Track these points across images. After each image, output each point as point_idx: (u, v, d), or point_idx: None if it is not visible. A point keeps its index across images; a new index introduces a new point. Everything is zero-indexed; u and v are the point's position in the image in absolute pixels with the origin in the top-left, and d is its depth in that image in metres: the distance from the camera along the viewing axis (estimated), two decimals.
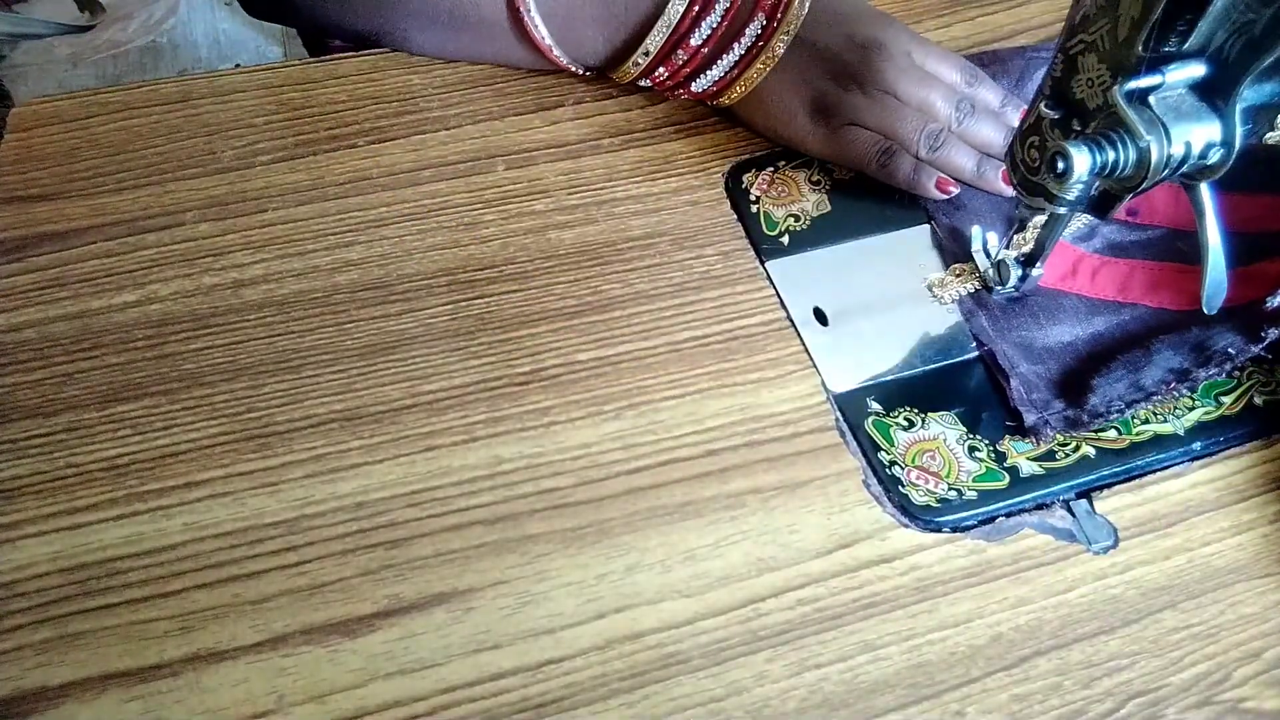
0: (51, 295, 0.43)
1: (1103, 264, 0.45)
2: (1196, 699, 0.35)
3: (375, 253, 0.44)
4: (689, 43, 0.46)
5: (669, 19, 0.46)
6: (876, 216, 0.47)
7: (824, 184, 0.48)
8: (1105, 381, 0.41)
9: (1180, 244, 0.46)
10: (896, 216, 0.47)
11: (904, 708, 0.34)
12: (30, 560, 0.36)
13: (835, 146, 0.47)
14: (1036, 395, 0.41)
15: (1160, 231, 0.46)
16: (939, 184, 0.45)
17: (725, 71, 0.47)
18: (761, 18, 0.46)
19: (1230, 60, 0.33)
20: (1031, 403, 0.41)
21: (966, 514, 0.39)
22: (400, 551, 0.36)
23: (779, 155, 0.49)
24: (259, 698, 0.33)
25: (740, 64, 0.47)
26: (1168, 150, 0.34)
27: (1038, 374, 0.42)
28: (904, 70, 0.47)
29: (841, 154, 0.47)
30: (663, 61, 0.47)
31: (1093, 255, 0.46)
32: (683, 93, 0.49)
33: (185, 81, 0.50)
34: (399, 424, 0.39)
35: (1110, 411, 0.40)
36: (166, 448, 0.38)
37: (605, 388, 0.41)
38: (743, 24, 0.46)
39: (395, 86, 0.50)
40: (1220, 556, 0.38)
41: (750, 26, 0.46)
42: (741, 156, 0.49)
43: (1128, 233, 0.47)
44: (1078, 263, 0.45)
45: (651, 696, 0.34)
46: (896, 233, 0.47)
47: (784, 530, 0.38)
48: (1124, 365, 0.41)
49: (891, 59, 0.47)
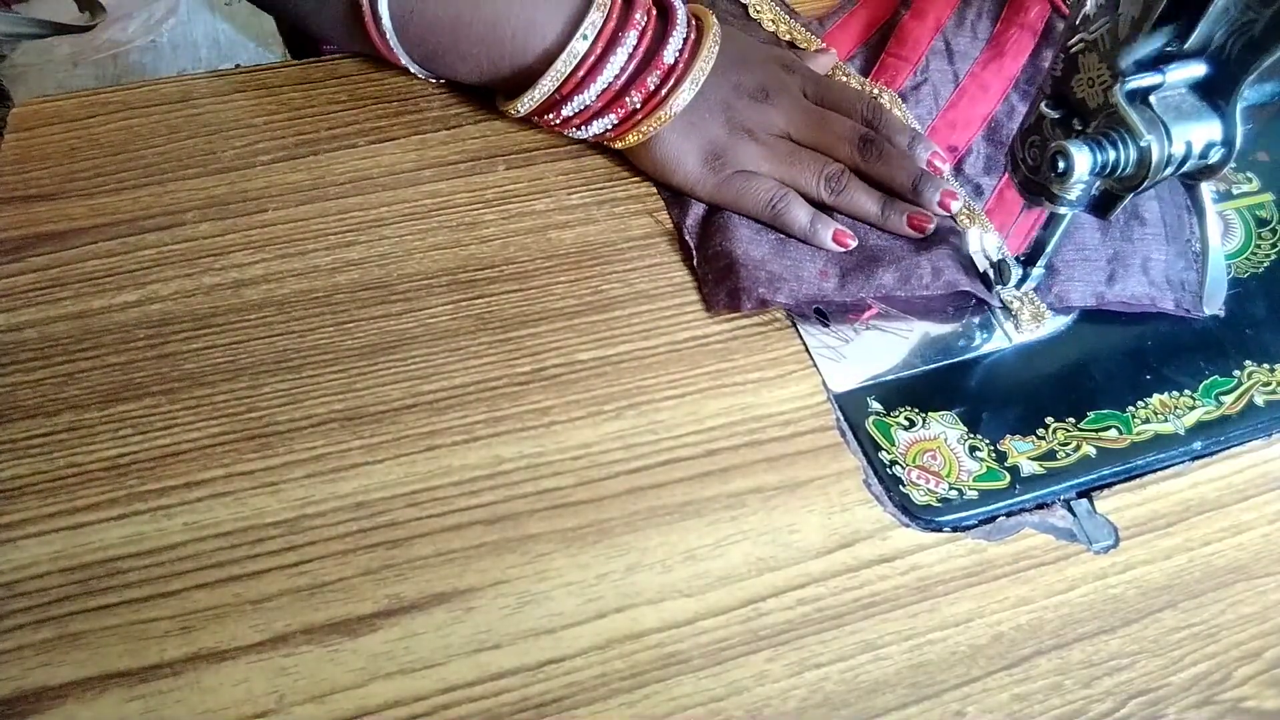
0: (52, 295, 0.43)
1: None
2: (1197, 698, 0.35)
3: (376, 252, 0.44)
4: (581, 94, 0.44)
5: (560, 70, 0.43)
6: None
7: None
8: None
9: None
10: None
11: (904, 707, 0.34)
12: (31, 560, 0.36)
13: (726, 194, 0.45)
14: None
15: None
16: (836, 237, 0.44)
17: (612, 125, 0.45)
18: (657, 76, 0.44)
19: (1230, 60, 0.33)
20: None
21: (967, 513, 0.39)
22: (401, 551, 0.36)
23: None
24: (259, 697, 0.33)
25: (628, 121, 0.45)
26: (1168, 150, 0.34)
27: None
28: (798, 114, 0.46)
29: (733, 202, 0.45)
30: (550, 109, 0.45)
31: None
32: (569, 131, 0.47)
33: (185, 81, 0.50)
34: (399, 424, 0.39)
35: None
36: (167, 447, 0.38)
37: (606, 387, 0.41)
38: (636, 80, 0.44)
39: (396, 86, 0.50)
40: (1220, 556, 0.38)
41: (649, 78, 0.44)
42: None
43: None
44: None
45: (652, 696, 0.34)
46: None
47: (784, 530, 0.38)
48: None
49: (783, 105, 0.46)
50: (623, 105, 0.44)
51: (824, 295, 0.43)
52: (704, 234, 0.45)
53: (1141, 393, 0.42)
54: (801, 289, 0.43)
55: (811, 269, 0.44)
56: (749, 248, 0.44)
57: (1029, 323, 0.43)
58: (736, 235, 0.44)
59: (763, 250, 0.44)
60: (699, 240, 0.45)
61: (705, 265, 0.44)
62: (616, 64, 0.43)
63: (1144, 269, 0.45)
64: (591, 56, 0.43)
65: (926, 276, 0.43)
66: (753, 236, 0.44)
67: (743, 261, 0.43)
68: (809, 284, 0.43)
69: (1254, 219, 0.49)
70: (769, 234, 0.45)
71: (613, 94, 0.44)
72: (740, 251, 0.43)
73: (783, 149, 0.46)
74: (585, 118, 0.45)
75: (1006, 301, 0.44)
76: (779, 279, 0.43)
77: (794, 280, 0.43)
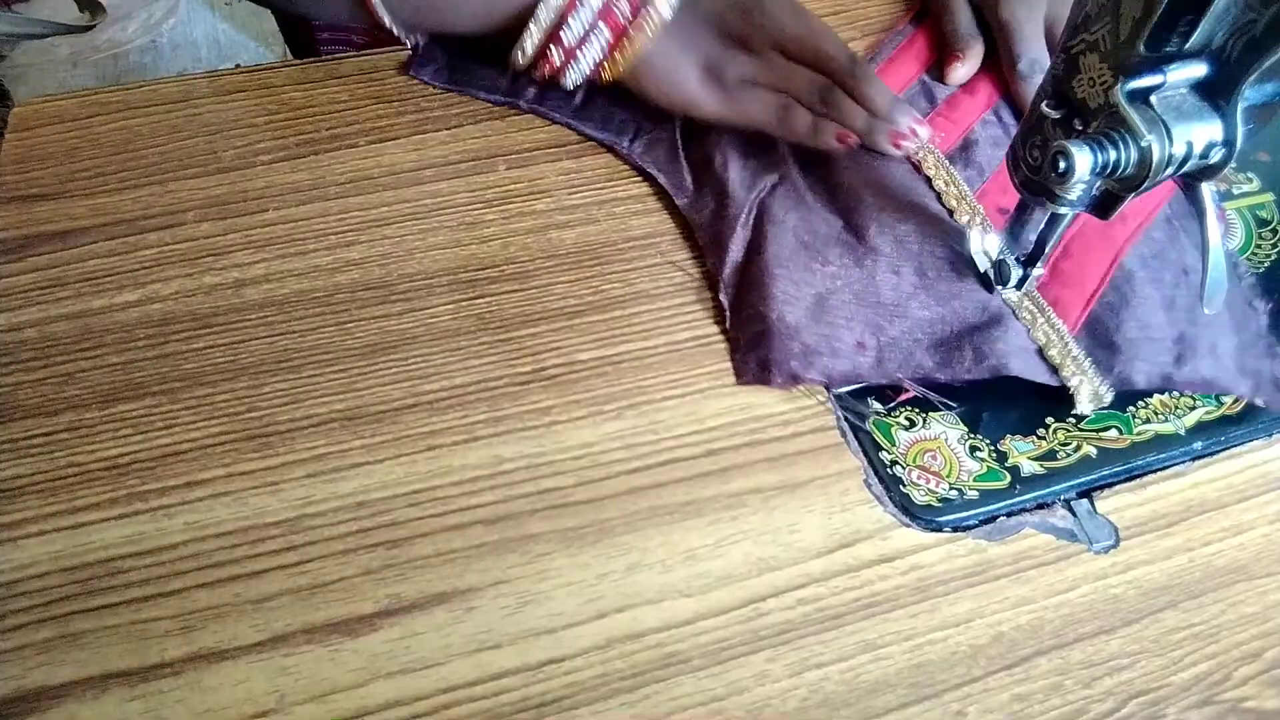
0: (53, 295, 0.43)
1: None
2: (1197, 699, 0.35)
3: (376, 252, 0.44)
4: (575, 18, 0.45)
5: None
6: None
7: None
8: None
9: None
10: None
11: (905, 707, 0.34)
12: (32, 559, 0.36)
13: (732, 107, 0.47)
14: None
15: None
16: (838, 136, 0.45)
17: (606, 46, 0.46)
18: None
19: (1231, 60, 0.33)
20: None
21: (967, 513, 0.39)
22: (401, 551, 0.36)
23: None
24: (260, 697, 0.33)
25: (620, 38, 0.45)
26: (1169, 150, 0.34)
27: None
28: (787, 26, 0.47)
29: (739, 114, 0.47)
30: (552, 43, 0.46)
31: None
32: (567, 75, 0.47)
33: (185, 81, 0.50)
34: (400, 423, 0.39)
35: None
36: (168, 447, 0.38)
37: (606, 387, 0.41)
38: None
39: (396, 86, 0.50)
40: (1221, 556, 0.38)
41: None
42: None
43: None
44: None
45: (652, 696, 0.34)
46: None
47: (785, 530, 0.38)
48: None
49: (773, 16, 0.46)
50: (612, 15, 0.45)
51: (859, 374, 0.41)
52: (739, 293, 0.43)
53: (1142, 392, 0.42)
54: (837, 366, 0.40)
55: (848, 338, 0.41)
56: (784, 310, 0.41)
57: (1088, 404, 0.40)
58: (772, 294, 0.42)
59: (798, 314, 0.41)
60: (733, 299, 0.43)
61: (738, 329, 0.42)
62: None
63: (1213, 352, 0.41)
64: None
65: (968, 360, 0.41)
66: (789, 295, 0.42)
67: (776, 329, 0.41)
68: (845, 359, 0.41)
69: (1254, 219, 0.49)
70: (806, 288, 0.42)
71: (604, 10, 0.44)
72: (774, 315, 0.41)
73: (779, 61, 0.46)
74: (579, 44, 0.45)
75: (1065, 380, 0.41)
76: (813, 352, 0.40)
77: (829, 355, 0.41)
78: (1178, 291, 0.43)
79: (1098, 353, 0.41)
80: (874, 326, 0.42)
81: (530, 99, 0.49)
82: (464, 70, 0.50)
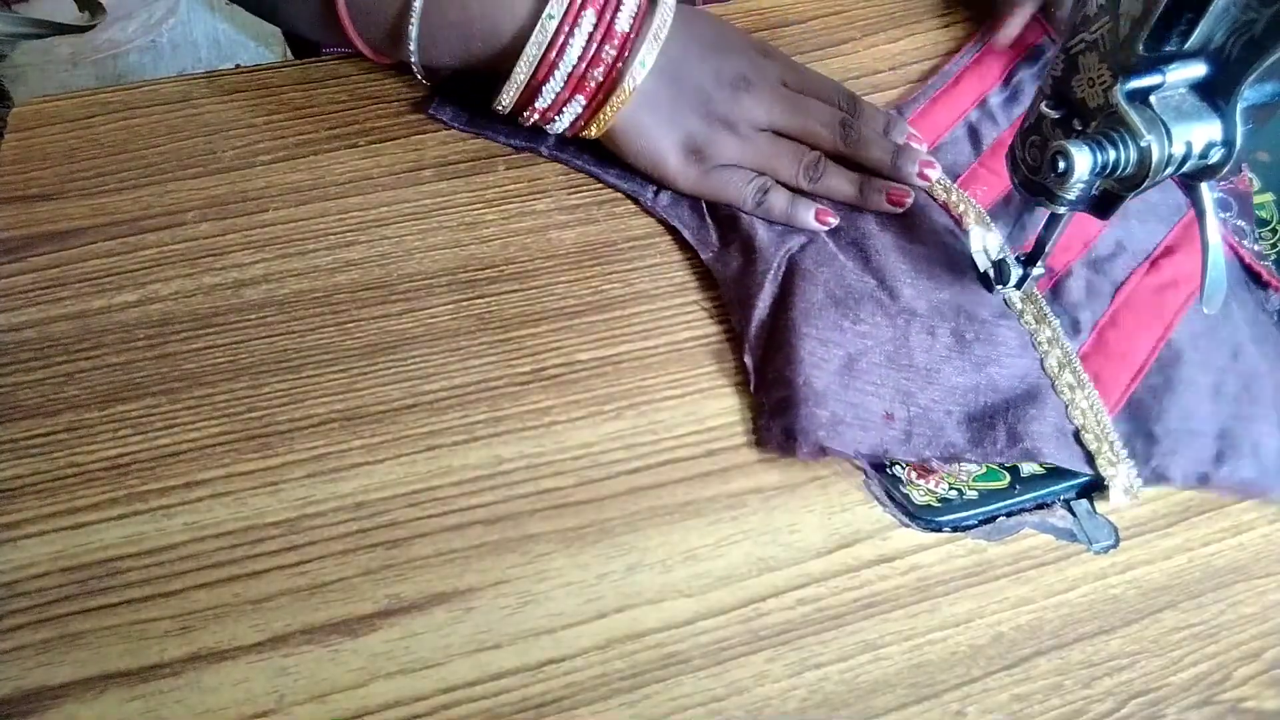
0: (52, 295, 0.43)
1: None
2: (1197, 699, 0.35)
3: (376, 252, 0.44)
4: (551, 80, 0.43)
5: (532, 55, 0.43)
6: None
7: None
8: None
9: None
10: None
11: (904, 707, 0.34)
12: (31, 560, 0.36)
13: (709, 187, 0.46)
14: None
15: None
16: (818, 215, 0.45)
17: (581, 109, 0.44)
18: (612, 47, 0.43)
19: (1231, 60, 0.33)
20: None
21: (967, 514, 0.39)
22: (401, 551, 0.36)
23: None
24: (260, 697, 0.33)
25: (593, 101, 0.44)
26: (1168, 150, 0.34)
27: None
28: (777, 102, 0.46)
29: (715, 195, 0.46)
30: (531, 98, 0.44)
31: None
32: (549, 126, 0.46)
33: (185, 81, 0.50)
34: (400, 424, 0.39)
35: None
36: (167, 447, 0.38)
37: (606, 387, 0.41)
38: (594, 56, 0.43)
39: (396, 86, 0.50)
40: (1220, 556, 0.38)
41: (605, 50, 0.43)
42: None
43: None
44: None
45: (652, 696, 0.34)
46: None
47: (785, 530, 0.38)
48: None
49: (762, 95, 0.46)
50: (585, 84, 0.44)
51: (886, 448, 0.39)
52: (765, 355, 0.41)
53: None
54: (864, 439, 0.39)
55: (876, 407, 0.40)
56: (811, 374, 0.39)
57: (1120, 496, 0.39)
58: (799, 356, 0.40)
59: (825, 378, 0.40)
60: (758, 361, 0.41)
61: (762, 393, 0.40)
62: (579, 44, 0.43)
63: (1254, 452, 0.39)
64: (560, 36, 0.42)
65: (1001, 441, 0.39)
66: (816, 357, 0.40)
67: (803, 396, 0.39)
68: (873, 431, 0.39)
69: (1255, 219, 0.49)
70: (835, 349, 0.40)
71: (578, 77, 0.43)
72: (801, 380, 0.39)
73: (762, 142, 0.46)
74: (558, 106, 0.44)
75: (1099, 469, 0.39)
76: (840, 422, 0.39)
77: (856, 425, 0.39)
78: (1226, 377, 0.41)
79: (1135, 441, 0.40)
80: (904, 394, 0.40)
81: (551, 145, 0.48)
82: (484, 113, 0.49)
